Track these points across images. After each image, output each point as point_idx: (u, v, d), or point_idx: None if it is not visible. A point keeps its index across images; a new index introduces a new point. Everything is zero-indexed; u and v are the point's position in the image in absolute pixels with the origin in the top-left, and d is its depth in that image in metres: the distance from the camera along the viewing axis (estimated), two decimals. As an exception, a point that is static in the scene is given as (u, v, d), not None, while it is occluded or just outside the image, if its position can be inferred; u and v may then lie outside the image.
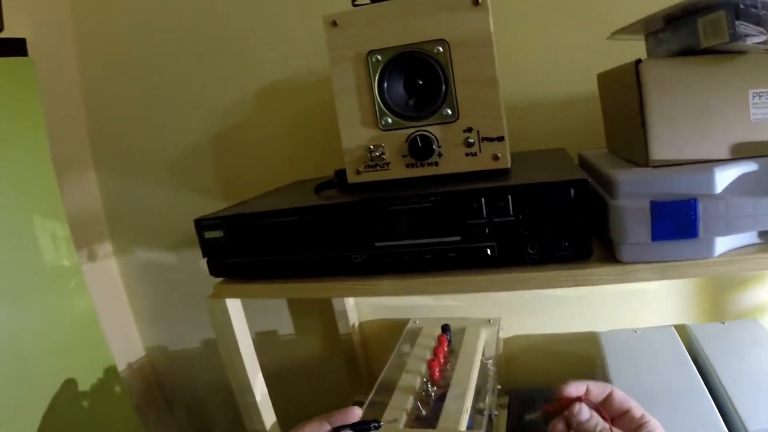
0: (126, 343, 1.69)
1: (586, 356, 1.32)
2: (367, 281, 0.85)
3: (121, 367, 1.62)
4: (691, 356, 1.13)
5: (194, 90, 1.45)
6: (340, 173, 0.96)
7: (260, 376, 1.03)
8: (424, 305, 1.31)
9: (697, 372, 1.06)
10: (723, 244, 0.72)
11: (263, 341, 1.58)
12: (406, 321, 1.34)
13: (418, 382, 1.04)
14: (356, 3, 0.88)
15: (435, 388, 1.02)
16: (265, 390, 1.05)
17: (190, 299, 1.55)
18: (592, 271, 0.76)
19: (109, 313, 1.58)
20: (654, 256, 0.73)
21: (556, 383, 1.26)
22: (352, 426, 0.72)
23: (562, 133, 1.22)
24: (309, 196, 0.97)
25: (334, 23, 0.86)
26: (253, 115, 1.42)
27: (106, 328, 1.39)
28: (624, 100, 0.82)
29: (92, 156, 1.59)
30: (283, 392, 1.02)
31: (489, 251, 0.79)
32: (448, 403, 0.98)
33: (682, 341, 1.19)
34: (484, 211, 0.77)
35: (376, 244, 0.83)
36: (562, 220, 0.75)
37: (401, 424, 0.96)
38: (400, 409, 0.99)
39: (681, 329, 1.25)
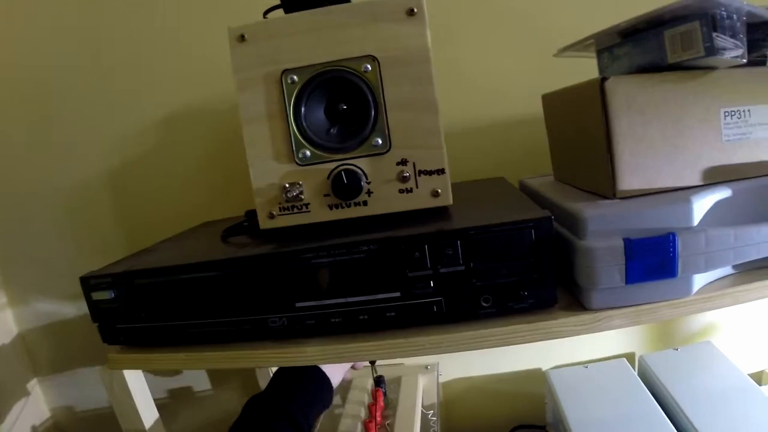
0: (28, 404, 1.52)
1: (532, 394, 1.28)
2: (289, 348, 0.72)
3: (25, 431, 1.47)
4: (646, 386, 1.10)
5: (89, 117, 1.30)
6: (252, 214, 0.83)
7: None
8: (353, 351, 1.22)
9: (655, 402, 1.04)
10: (700, 280, 0.67)
11: (177, 401, 1.45)
12: (333, 371, 1.23)
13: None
14: (267, 14, 0.75)
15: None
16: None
17: (97, 353, 1.38)
18: (558, 322, 0.67)
19: (8, 371, 1.45)
20: (627, 301, 0.66)
21: (503, 427, 1.20)
22: None
23: (498, 160, 1.15)
24: (216, 243, 0.84)
25: (242, 38, 0.72)
26: (156, 146, 1.29)
27: (4, 387, 1.27)
28: (582, 123, 0.73)
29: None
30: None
31: (435, 308, 0.67)
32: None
33: (635, 371, 1.18)
34: (428, 261, 0.65)
35: (297, 304, 0.70)
36: (522, 266, 0.65)
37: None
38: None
39: (631, 358, 1.24)
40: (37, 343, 1.51)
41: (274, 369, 1.20)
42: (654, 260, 0.62)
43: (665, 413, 0.99)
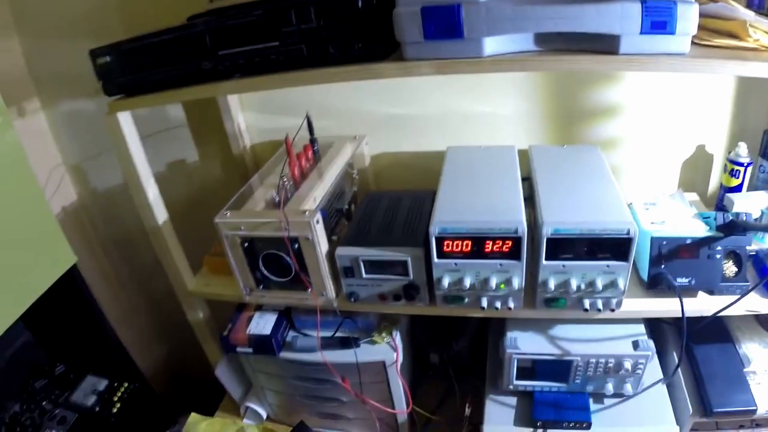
0: (59, 190, 1.79)
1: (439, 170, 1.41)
2: (215, 84, 1.04)
3: (56, 211, 1.73)
4: (525, 169, 1.24)
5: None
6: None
7: (152, 179, 1.23)
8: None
9: (519, 179, 1.18)
10: (493, 45, 0.87)
11: (173, 170, 1.74)
12: (289, 142, 1.48)
13: (278, 180, 1.22)
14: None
15: (292, 182, 1.22)
16: (157, 191, 1.25)
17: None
18: (381, 66, 0.95)
19: (41, 164, 1.65)
20: (431, 54, 0.90)
21: (413, 189, 1.40)
22: None
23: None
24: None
25: None
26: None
27: (38, 177, 1.40)
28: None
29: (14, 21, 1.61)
30: (193, 217, 1.24)
31: (304, 50, 0.96)
32: (300, 192, 1.20)
33: (525, 160, 1.30)
34: (294, 21, 0.94)
35: (219, 52, 1.01)
36: (353, 26, 0.93)
37: (258, 208, 1.17)
38: (259, 199, 1.20)
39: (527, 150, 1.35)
40: (65, 136, 1.78)
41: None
42: (444, 23, 0.85)
43: (531, 192, 1.15)
